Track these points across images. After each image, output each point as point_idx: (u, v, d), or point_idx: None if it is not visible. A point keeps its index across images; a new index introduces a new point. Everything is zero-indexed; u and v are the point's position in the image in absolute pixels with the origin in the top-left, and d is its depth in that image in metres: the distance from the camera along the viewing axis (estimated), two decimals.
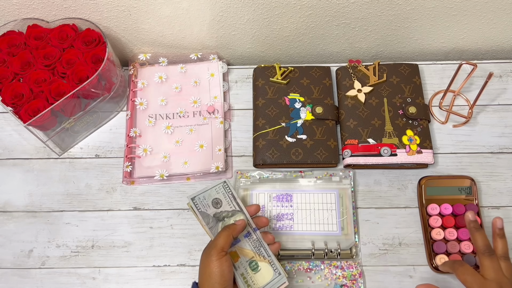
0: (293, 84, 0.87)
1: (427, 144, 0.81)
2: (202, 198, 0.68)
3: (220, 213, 0.68)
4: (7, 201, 0.81)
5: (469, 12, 0.84)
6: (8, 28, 0.82)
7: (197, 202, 0.68)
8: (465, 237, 0.75)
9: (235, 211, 0.69)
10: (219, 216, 0.68)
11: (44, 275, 0.76)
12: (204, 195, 0.69)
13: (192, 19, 0.84)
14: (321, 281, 0.75)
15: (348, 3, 0.81)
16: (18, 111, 0.76)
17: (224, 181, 0.70)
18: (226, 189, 0.70)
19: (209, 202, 0.68)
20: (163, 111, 0.87)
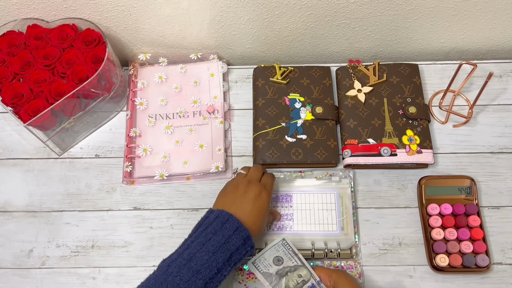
0: (293, 84, 0.87)
1: (427, 144, 0.81)
2: (263, 259, 0.70)
3: (282, 269, 0.69)
4: (7, 201, 0.81)
5: (469, 12, 0.84)
6: (8, 28, 0.82)
7: (258, 264, 0.70)
8: (465, 237, 0.75)
9: (297, 266, 0.69)
10: (282, 272, 0.69)
11: (44, 275, 0.76)
12: (264, 256, 0.70)
13: (192, 19, 0.84)
14: None
15: (348, 3, 0.81)
16: (18, 111, 0.76)
17: (283, 239, 0.71)
18: (285, 246, 0.71)
19: (270, 261, 0.70)
20: (163, 111, 0.87)
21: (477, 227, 0.75)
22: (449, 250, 0.74)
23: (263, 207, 0.68)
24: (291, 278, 0.69)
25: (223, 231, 0.63)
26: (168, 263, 0.61)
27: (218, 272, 0.61)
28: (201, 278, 0.59)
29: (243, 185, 0.70)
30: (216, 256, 0.61)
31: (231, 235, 0.63)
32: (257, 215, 0.67)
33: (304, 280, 0.68)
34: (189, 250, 0.61)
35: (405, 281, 0.74)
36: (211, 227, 0.63)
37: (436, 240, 0.75)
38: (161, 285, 0.58)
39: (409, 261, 0.76)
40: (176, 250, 0.63)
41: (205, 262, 0.60)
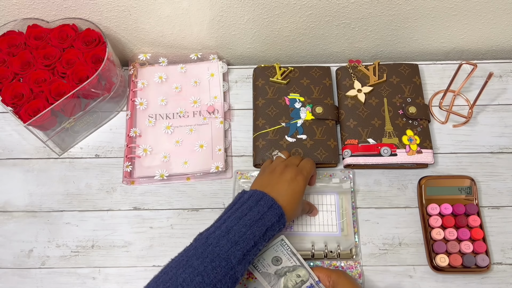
0: (293, 84, 0.87)
1: (427, 144, 0.81)
2: (262, 259, 0.70)
3: (281, 269, 0.70)
4: (7, 201, 0.81)
5: (469, 12, 0.84)
6: (8, 28, 0.82)
7: (257, 264, 0.70)
8: (465, 237, 0.75)
9: (296, 266, 0.70)
10: (281, 272, 0.70)
11: (44, 275, 0.76)
12: (263, 256, 0.70)
13: (192, 19, 0.84)
14: None
15: (348, 3, 0.81)
16: (18, 111, 0.76)
17: (282, 239, 0.71)
18: (284, 246, 0.71)
19: (269, 261, 0.70)
20: (163, 111, 0.87)
21: (477, 227, 0.75)
22: (449, 250, 0.74)
23: (298, 190, 0.68)
24: (289, 278, 0.69)
25: (258, 207, 0.64)
26: (207, 235, 0.62)
27: (255, 245, 0.63)
28: (240, 249, 0.61)
29: (280, 167, 0.71)
30: (253, 230, 0.62)
31: (265, 211, 0.64)
32: (292, 195, 0.68)
33: (302, 280, 0.68)
34: (226, 223, 0.63)
35: (405, 281, 0.74)
36: (246, 204, 0.65)
37: (436, 240, 0.75)
38: (201, 255, 0.60)
39: (409, 261, 0.76)
40: (212, 224, 0.64)
41: (243, 234, 0.62)
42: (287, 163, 0.72)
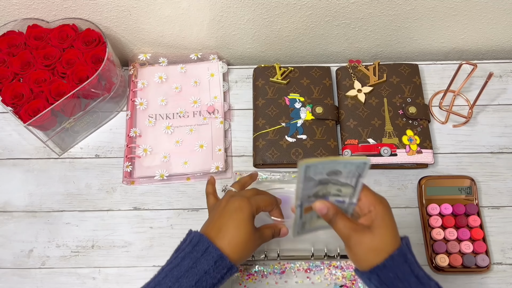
0: (293, 84, 0.87)
1: (427, 144, 0.81)
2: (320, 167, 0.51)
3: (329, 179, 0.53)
4: (7, 201, 0.81)
5: (469, 12, 0.84)
6: (8, 28, 0.82)
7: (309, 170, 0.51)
8: (465, 237, 0.75)
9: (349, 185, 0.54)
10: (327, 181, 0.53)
11: (44, 275, 0.76)
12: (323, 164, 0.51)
13: (192, 19, 0.84)
14: (321, 282, 0.75)
15: (348, 3, 0.81)
16: (18, 111, 0.76)
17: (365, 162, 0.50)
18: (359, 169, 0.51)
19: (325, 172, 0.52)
20: (163, 111, 0.87)
21: (477, 227, 0.75)
22: (449, 250, 0.74)
23: (242, 218, 0.60)
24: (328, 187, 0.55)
25: (193, 253, 0.58)
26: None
27: None
28: None
29: (225, 199, 0.64)
30: (180, 283, 0.56)
31: (199, 257, 0.57)
32: (235, 228, 0.60)
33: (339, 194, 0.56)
34: (158, 277, 0.58)
35: None
36: (183, 252, 0.59)
37: (436, 240, 0.75)
38: None
39: None
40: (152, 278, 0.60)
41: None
42: (233, 194, 0.65)
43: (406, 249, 0.54)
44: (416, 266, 0.54)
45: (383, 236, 0.54)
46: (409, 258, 0.54)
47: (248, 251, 0.61)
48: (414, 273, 0.53)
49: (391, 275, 0.53)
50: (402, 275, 0.53)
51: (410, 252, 0.55)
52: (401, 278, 0.53)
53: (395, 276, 0.53)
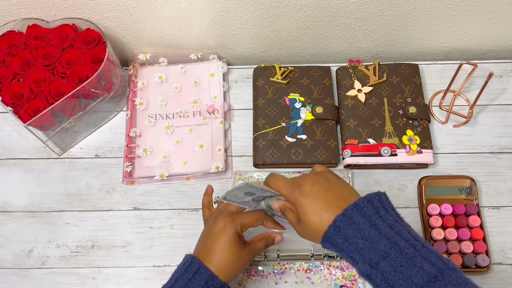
0: (293, 84, 0.87)
1: (427, 144, 0.81)
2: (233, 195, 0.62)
3: (257, 197, 0.63)
4: (7, 201, 0.81)
5: (469, 12, 0.84)
6: (8, 28, 0.82)
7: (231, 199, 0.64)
8: (465, 237, 0.75)
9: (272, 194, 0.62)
10: (259, 198, 0.63)
11: (44, 275, 0.76)
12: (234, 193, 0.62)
13: (192, 19, 0.84)
14: (321, 282, 0.74)
15: (348, 3, 0.81)
16: (18, 111, 0.76)
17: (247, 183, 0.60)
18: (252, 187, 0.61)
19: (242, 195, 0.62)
20: (163, 111, 0.87)
21: (477, 227, 0.75)
22: (450, 250, 0.74)
23: (226, 240, 0.61)
24: (269, 203, 0.63)
25: (185, 275, 0.59)
26: None
27: None
28: None
29: (213, 217, 0.64)
30: None
31: (191, 278, 0.59)
32: (221, 250, 0.60)
33: (268, 209, 0.64)
34: None
35: None
36: (177, 274, 0.60)
37: (436, 240, 0.75)
38: None
39: None
40: None
41: None
42: (222, 210, 0.65)
43: (341, 222, 0.54)
44: (366, 226, 0.53)
45: (309, 223, 0.57)
46: (343, 229, 0.54)
47: (238, 269, 0.62)
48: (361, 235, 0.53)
49: (336, 245, 0.55)
50: (343, 246, 0.54)
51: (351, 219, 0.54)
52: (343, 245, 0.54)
53: (342, 242, 0.54)
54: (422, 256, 0.50)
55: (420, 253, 0.50)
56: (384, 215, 0.54)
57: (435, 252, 0.51)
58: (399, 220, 0.54)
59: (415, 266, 0.49)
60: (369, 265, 0.52)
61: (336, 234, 0.54)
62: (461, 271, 0.50)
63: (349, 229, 0.53)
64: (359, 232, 0.53)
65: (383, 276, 0.50)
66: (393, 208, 0.56)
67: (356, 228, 0.53)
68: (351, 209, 0.54)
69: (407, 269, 0.49)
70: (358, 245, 0.53)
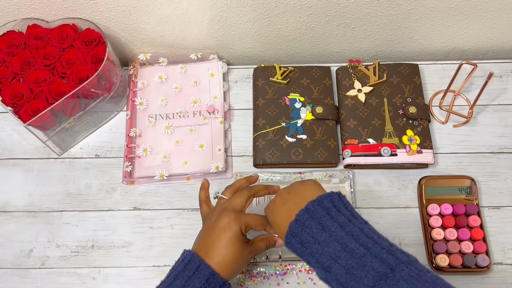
0: (293, 84, 0.87)
1: (427, 144, 0.81)
2: None
3: None
4: (7, 201, 0.81)
5: (469, 12, 0.84)
6: (8, 28, 0.82)
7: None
8: (465, 237, 0.75)
9: None
10: None
11: (44, 275, 0.76)
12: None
13: (192, 19, 0.84)
14: (323, 283, 0.74)
15: (348, 3, 0.81)
16: (18, 111, 0.76)
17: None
18: None
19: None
20: (163, 111, 0.87)
21: (477, 227, 0.75)
22: (449, 250, 0.74)
23: (230, 237, 0.60)
24: None
25: (185, 272, 0.58)
26: None
27: None
28: None
29: (216, 213, 0.63)
30: None
31: (191, 276, 0.58)
32: (224, 247, 0.60)
33: None
34: None
35: None
36: (176, 271, 0.59)
37: (436, 240, 0.75)
38: None
39: None
40: None
41: None
42: (225, 206, 0.64)
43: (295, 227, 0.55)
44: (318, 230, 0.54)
45: (279, 236, 0.59)
46: (297, 234, 0.55)
47: (239, 267, 0.62)
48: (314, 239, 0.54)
49: (296, 251, 0.56)
50: (301, 252, 0.55)
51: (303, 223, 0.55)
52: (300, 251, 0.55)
53: (299, 247, 0.55)
54: (373, 254, 0.50)
55: (371, 251, 0.50)
56: (336, 215, 0.54)
57: (388, 247, 0.51)
58: (352, 219, 0.54)
59: (365, 266, 0.49)
60: (323, 269, 0.52)
61: (293, 240, 0.55)
62: (418, 263, 0.50)
63: (302, 234, 0.54)
64: (312, 237, 0.53)
65: (337, 279, 0.51)
66: (347, 206, 0.56)
67: (309, 232, 0.54)
68: (302, 214, 0.55)
69: (358, 270, 0.49)
70: (312, 249, 0.53)
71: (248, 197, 0.66)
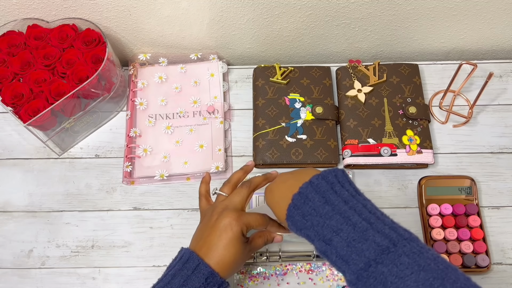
0: (293, 84, 0.87)
1: (427, 144, 0.81)
2: None
3: None
4: (7, 201, 0.81)
5: (469, 12, 0.84)
6: (8, 28, 0.82)
7: None
8: (465, 237, 0.75)
9: None
10: None
11: (44, 275, 0.76)
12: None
13: (192, 19, 0.84)
14: (323, 283, 0.74)
15: (348, 3, 0.81)
16: (18, 111, 0.76)
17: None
18: None
19: None
20: (163, 111, 0.87)
21: (477, 227, 0.75)
22: (449, 250, 0.74)
23: (231, 238, 0.59)
24: None
25: (183, 271, 0.58)
26: None
27: None
28: None
29: (216, 213, 0.62)
30: None
31: (190, 275, 0.57)
32: (225, 248, 0.59)
33: None
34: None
35: None
36: (174, 269, 0.59)
37: (436, 240, 0.75)
38: None
39: None
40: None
41: None
42: (225, 205, 0.63)
43: (297, 200, 0.55)
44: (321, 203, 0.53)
45: (277, 215, 0.60)
46: (299, 206, 0.55)
47: (238, 266, 0.62)
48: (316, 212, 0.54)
49: (296, 224, 0.56)
50: (301, 224, 0.55)
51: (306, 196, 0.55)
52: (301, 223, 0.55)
53: (300, 219, 0.55)
54: (375, 229, 0.50)
55: (374, 226, 0.50)
56: (340, 190, 0.54)
57: (390, 224, 0.51)
58: (356, 195, 0.54)
59: (367, 240, 0.49)
60: (324, 241, 0.52)
61: (295, 212, 0.55)
62: (420, 240, 0.50)
63: (305, 206, 0.54)
64: (314, 209, 0.53)
65: (337, 251, 0.51)
66: (350, 182, 0.56)
67: (311, 205, 0.54)
68: (306, 186, 0.55)
69: (359, 243, 0.49)
70: (313, 222, 0.53)
71: (248, 194, 0.65)
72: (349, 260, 0.50)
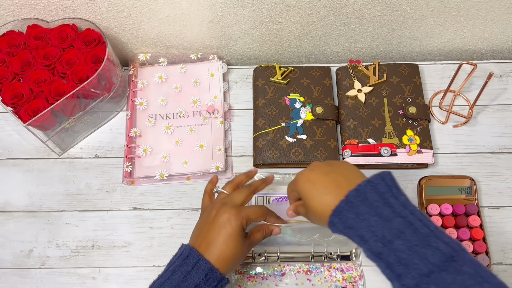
0: (293, 84, 0.87)
1: (427, 144, 0.81)
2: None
3: None
4: (7, 201, 0.81)
5: (469, 12, 0.84)
6: (8, 28, 0.82)
7: None
8: (465, 237, 0.75)
9: None
10: None
11: (44, 275, 0.76)
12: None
13: (192, 19, 0.84)
14: (321, 284, 0.74)
15: (348, 3, 0.81)
16: (18, 111, 0.76)
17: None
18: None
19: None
20: (163, 111, 0.87)
21: (477, 227, 0.75)
22: None
23: (230, 233, 0.60)
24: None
25: (183, 267, 0.58)
26: None
27: None
28: None
29: (215, 208, 0.63)
30: None
31: (190, 270, 0.57)
32: (223, 243, 0.59)
33: None
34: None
35: None
36: (174, 265, 0.59)
37: None
38: None
39: None
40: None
41: None
42: (225, 201, 0.63)
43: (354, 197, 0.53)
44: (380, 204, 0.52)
45: (311, 208, 0.57)
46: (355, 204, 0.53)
47: (238, 262, 0.62)
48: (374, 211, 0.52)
49: (346, 221, 0.54)
50: (353, 223, 0.53)
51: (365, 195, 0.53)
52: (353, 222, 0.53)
53: (353, 217, 0.53)
54: (437, 236, 0.49)
55: (434, 233, 0.50)
56: (397, 194, 0.54)
57: (447, 234, 0.51)
58: (410, 201, 0.54)
59: (431, 246, 0.48)
60: (382, 243, 0.50)
61: (348, 209, 0.53)
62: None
63: (361, 205, 0.52)
64: (372, 209, 0.52)
65: (396, 255, 0.49)
66: (402, 189, 0.56)
67: (368, 204, 0.52)
68: (365, 185, 0.54)
69: (423, 248, 0.48)
70: (370, 222, 0.51)
71: (248, 194, 0.66)
72: (410, 265, 0.48)
